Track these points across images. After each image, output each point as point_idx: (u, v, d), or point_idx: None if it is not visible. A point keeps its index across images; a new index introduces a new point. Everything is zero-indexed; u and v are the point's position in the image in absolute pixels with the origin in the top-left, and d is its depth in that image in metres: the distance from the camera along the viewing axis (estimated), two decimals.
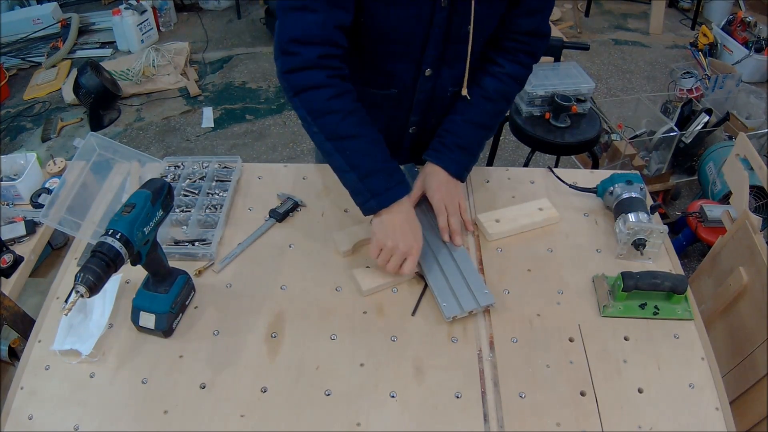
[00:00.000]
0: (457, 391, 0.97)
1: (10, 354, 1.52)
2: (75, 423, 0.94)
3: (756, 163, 1.44)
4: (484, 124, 1.24)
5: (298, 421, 0.94)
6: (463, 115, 1.23)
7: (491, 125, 1.26)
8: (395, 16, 1.05)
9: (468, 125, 1.22)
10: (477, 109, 1.22)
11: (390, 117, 1.27)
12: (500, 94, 1.22)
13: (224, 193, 1.33)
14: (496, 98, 1.22)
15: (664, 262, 1.19)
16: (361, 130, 1.08)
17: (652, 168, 2.82)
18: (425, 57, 1.14)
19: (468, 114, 1.22)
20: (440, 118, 1.27)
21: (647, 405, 0.95)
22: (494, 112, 1.23)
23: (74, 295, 0.86)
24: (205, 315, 1.10)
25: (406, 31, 1.09)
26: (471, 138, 1.24)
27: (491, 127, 1.27)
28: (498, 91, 1.21)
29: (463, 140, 1.23)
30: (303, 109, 1.05)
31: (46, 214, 1.20)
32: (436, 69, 1.17)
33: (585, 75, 2.11)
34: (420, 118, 1.28)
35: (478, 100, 1.21)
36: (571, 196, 1.33)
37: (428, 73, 1.17)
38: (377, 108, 1.23)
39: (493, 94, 1.21)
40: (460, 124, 1.23)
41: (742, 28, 3.67)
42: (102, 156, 1.34)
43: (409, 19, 1.06)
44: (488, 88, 1.21)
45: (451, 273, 1.12)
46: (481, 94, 1.21)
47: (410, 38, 1.10)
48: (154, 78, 3.68)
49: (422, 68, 1.16)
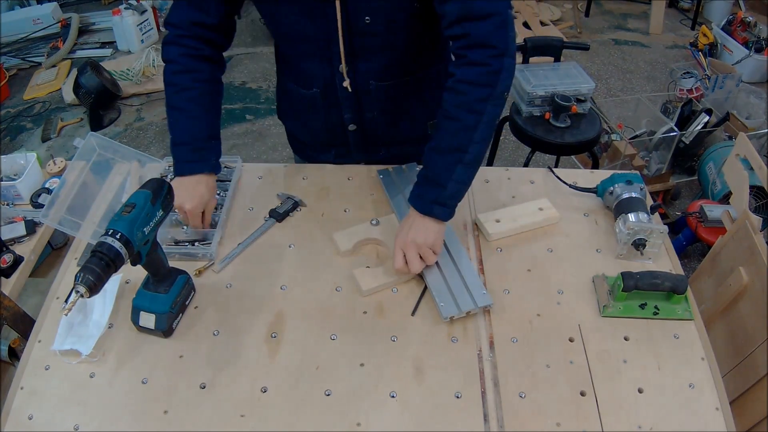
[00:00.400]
0: (457, 391, 0.97)
1: (10, 354, 1.52)
2: (75, 423, 0.94)
3: (756, 163, 1.44)
4: (451, 146, 1.06)
5: (298, 421, 0.94)
6: (430, 141, 1.10)
7: (460, 146, 1.05)
8: (287, 13, 1.11)
9: (432, 153, 1.09)
10: (440, 132, 1.08)
11: (325, 116, 1.28)
12: (460, 107, 1.04)
13: (224, 193, 1.33)
14: (457, 114, 1.05)
15: (664, 262, 1.19)
16: (188, 105, 1.19)
17: (652, 168, 2.82)
18: (334, 53, 1.14)
19: (433, 140, 1.09)
20: (380, 112, 1.27)
21: (647, 405, 0.95)
22: (460, 129, 1.05)
23: (74, 295, 0.86)
24: (205, 315, 1.10)
25: (302, 27, 1.11)
26: (438, 166, 1.08)
27: (462, 149, 1.05)
28: (456, 104, 1.05)
29: (430, 170, 1.09)
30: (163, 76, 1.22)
31: (46, 214, 1.20)
32: (351, 64, 1.16)
33: (585, 75, 2.11)
34: (353, 115, 1.28)
35: (440, 121, 1.08)
36: (571, 196, 1.33)
37: (342, 69, 1.17)
38: (312, 109, 1.27)
39: (452, 110, 1.05)
40: (427, 152, 1.10)
41: (742, 28, 3.67)
42: (102, 156, 1.34)
43: (301, 15, 1.09)
44: (445, 104, 1.06)
45: (450, 273, 1.12)
46: (442, 114, 1.07)
47: (310, 34, 1.12)
48: (154, 78, 3.68)
49: (334, 64, 1.17)
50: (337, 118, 1.29)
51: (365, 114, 1.28)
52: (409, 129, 1.34)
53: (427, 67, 1.25)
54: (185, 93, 1.19)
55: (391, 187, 1.31)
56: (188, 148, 1.20)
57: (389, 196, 1.30)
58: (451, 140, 1.06)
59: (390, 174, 1.35)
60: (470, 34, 1.01)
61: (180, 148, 1.20)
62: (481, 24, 1.00)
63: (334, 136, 1.31)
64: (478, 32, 1.00)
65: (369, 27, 1.09)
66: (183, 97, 1.19)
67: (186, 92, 1.19)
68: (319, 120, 1.27)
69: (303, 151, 1.51)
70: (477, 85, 1.03)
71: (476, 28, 1.00)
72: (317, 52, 1.16)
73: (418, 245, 1.08)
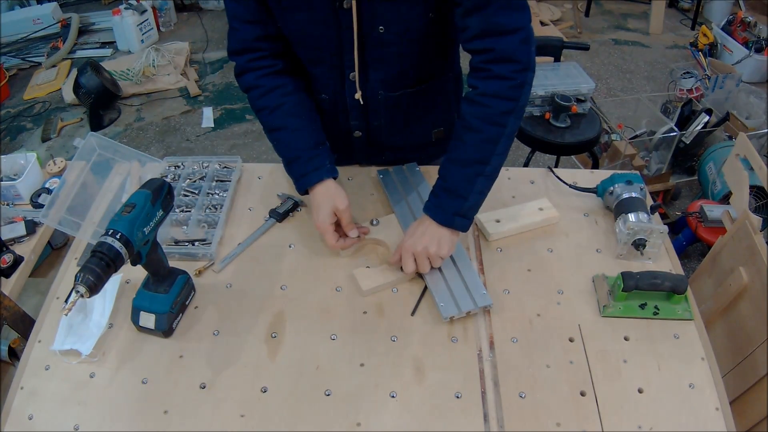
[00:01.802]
0: (457, 391, 0.97)
1: (10, 354, 1.52)
2: (75, 423, 0.94)
3: (756, 163, 1.44)
4: (471, 159, 1.06)
5: (298, 421, 0.94)
6: (449, 153, 1.10)
7: (482, 158, 1.06)
8: (302, 21, 1.09)
9: (452, 165, 1.09)
10: (460, 144, 1.07)
11: (332, 122, 1.28)
12: (483, 119, 1.05)
13: (224, 193, 1.33)
14: (479, 126, 1.05)
15: (664, 262, 1.19)
16: (285, 122, 1.17)
17: (652, 168, 2.82)
18: (345, 61, 1.14)
19: (453, 152, 1.09)
20: (387, 120, 1.27)
21: (647, 405, 0.95)
22: (482, 141, 1.05)
23: (74, 295, 0.86)
24: (205, 315, 1.10)
25: (317, 35, 1.11)
26: (457, 178, 1.08)
27: (484, 161, 1.06)
28: (479, 117, 1.05)
29: (449, 182, 1.09)
30: (251, 106, 1.21)
31: (46, 214, 1.20)
32: (362, 73, 1.16)
33: (585, 75, 2.11)
34: (360, 123, 1.28)
35: (461, 133, 1.07)
36: (571, 196, 1.33)
37: (353, 78, 1.16)
38: (321, 113, 1.26)
39: (474, 122, 1.05)
40: (446, 165, 1.10)
41: (742, 28, 3.67)
42: (102, 156, 1.34)
43: (317, 23, 1.08)
44: (467, 116, 1.06)
45: (450, 273, 1.12)
46: (462, 125, 1.07)
47: (323, 42, 1.12)
48: (154, 78, 3.68)
49: (345, 72, 1.16)
50: (344, 124, 1.29)
51: (372, 122, 1.28)
52: (414, 136, 1.34)
53: (435, 78, 1.25)
54: (278, 111, 1.17)
55: (391, 187, 1.32)
56: (301, 162, 1.17)
57: (389, 196, 1.30)
58: (473, 152, 1.06)
59: (390, 174, 1.35)
60: (495, 48, 1.01)
61: (293, 166, 1.18)
62: (505, 39, 1.00)
63: (338, 141, 1.30)
64: (502, 47, 1.01)
65: (382, 37, 1.09)
66: (278, 116, 1.17)
67: (279, 110, 1.17)
68: (325, 125, 1.25)
69: None
70: (501, 98, 1.03)
71: (501, 44, 1.00)
72: (329, 60, 1.15)
73: (430, 254, 1.08)
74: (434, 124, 1.34)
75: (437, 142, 1.38)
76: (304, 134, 1.18)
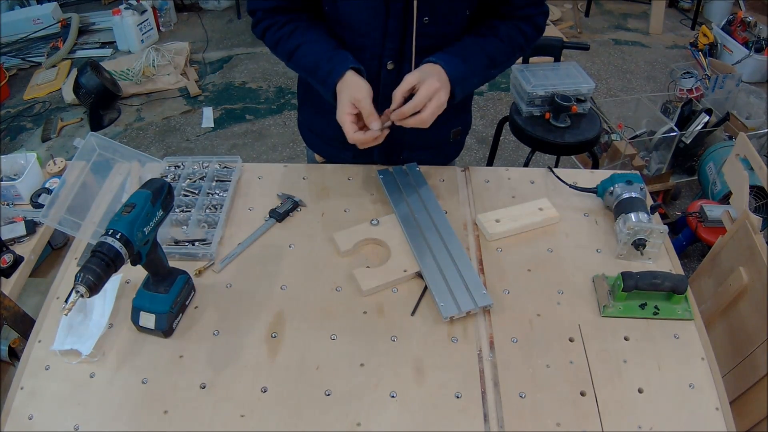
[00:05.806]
0: (457, 391, 0.97)
1: (10, 354, 1.52)
2: (75, 423, 0.94)
3: (756, 163, 1.44)
4: (490, 53, 1.18)
5: (298, 421, 0.94)
6: (470, 38, 1.19)
7: (495, 62, 1.19)
8: (352, 4, 1.11)
9: (474, 46, 1.18)
10: (485, 39, 1.19)
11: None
12: (509, 38, 1.19)
13: (224, 193, 1.33)
14: (506, 40, 1.19)
15: (664, 262, 1.19)
16: (303, 38, 1.18)
17: (652, 168, 2.82)
18: (385, 50, 1.15)
19: (476, 39, 1.19)
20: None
21: (647, 405, 0.95)
22: (501, 50, 1.20)
23: (74, 295, 0.86)
24: (205, 315, 1.10)
25: (363, 20, 1.12)
26: (474, 57, 1.17)
27: (494, 64, 1.20)
28: (508, 35, 1.19)
29: (466, 53, 1.16)
30: (269, 48, 1.23)
31: (46, 214, 1.20)
32: (398, 63, 1.18)
33: (585, 75, 2.11)
34: None
35: (487, 34, 1.19)
36: (571, 196, 1.33)
37: (390, 67, 1.18)
38: None
39: (504, 35, 1.19)
40: (467, 41, 1.18)
41: (742, 28, 3.67)
42: (102, 156, 1.34)
43: (366, 8, 1.11)
44: (499, 29, 1.19)
45: (450, 273, 1.12)
46: (492, 32, 1.19)
47: (368, 29, 1.13)
48: (154, 78, 3.68)
49: (383, 61, 1.17)
50: None
51: None
52: (434, 135, 1.33)
53: None
54: (295, 35, 1.18)
55: (391, 187, 1.31)
56: (323, 63, 1.15)
57: (389, 196, 1.30)
58: (493, 50, 1.19)
59: (390, 174, 1.35)
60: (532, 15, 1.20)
61: (317, 72, 1.16)
62: (535, 7, 1.20)
63: None
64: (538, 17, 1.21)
65: (425, 28, 1.12)
66: (295, 39, 1.18)
67: (295, 34, 1.18)
68: None
69: (318, 145, 1.49)
70: (531, 39, 1.23)
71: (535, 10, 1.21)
72: (370, 47, 1.17)
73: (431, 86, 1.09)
74: (453, 123, 1.37)
75: (455, 142, 1.40)
76: (322, 42, 1.18)
